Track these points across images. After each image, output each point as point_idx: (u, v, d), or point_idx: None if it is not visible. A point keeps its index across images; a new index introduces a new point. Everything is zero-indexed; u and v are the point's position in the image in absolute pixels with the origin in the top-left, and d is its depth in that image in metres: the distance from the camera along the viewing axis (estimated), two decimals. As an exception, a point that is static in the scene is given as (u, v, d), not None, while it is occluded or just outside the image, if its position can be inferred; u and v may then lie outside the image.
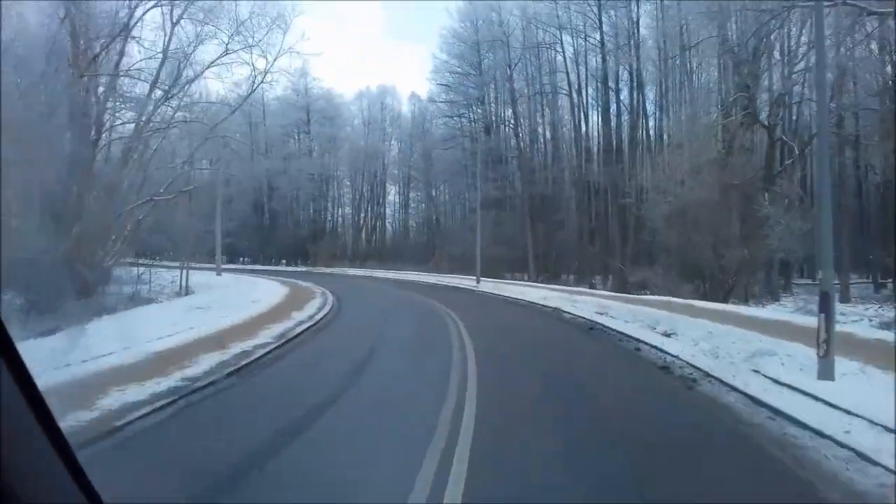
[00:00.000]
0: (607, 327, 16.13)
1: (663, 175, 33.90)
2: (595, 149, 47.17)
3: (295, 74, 68.62)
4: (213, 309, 19.16)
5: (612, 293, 29.20)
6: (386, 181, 72.19)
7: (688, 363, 10.60)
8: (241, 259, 76.78)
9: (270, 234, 68.13)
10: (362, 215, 72.22)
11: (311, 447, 6.13)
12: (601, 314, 18.91)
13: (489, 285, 33.39)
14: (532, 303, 24.61)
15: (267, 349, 11.95)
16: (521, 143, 48.96)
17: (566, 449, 6.09)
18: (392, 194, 73.84)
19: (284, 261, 68.78)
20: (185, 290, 30.86)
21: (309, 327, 16.28)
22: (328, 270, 54.63)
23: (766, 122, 29.30)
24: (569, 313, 20.02)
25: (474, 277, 36.70)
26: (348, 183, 72.30)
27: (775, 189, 27.57)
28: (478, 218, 39.05)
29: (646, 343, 13.06)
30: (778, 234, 24.72)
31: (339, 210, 73.09)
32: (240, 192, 77.10)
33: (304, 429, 6.68)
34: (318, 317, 18.68)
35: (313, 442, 6.27)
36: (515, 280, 41.11)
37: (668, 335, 13.91)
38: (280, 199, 67.45)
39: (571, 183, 47.34)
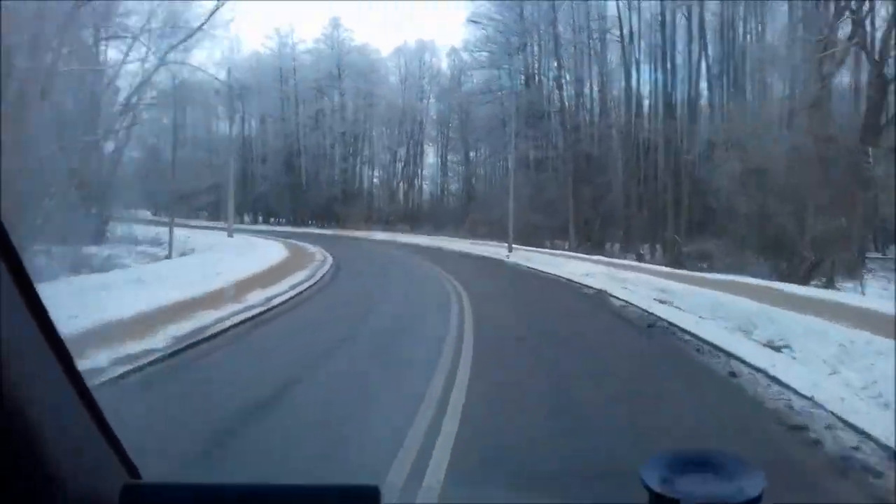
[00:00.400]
0: (675, 326, 11.03)
1: (732, 130, 28.22)
2: (648, 103, 41.57)
3: (328, 26, 64.74)
4: (157, 284, 14.53)
5: (668, 269, 23.94)
6: (423, 141, 67.25)
7: (850, 425, 5.57)
8: (276, 219, 73.17)
9: (302, 194, 63.79)
10: (397, 177, 67.54)
11: None
12: (662, 302, 13.86)
13: (522, 255, 28.43)
14: (570, 281, 19.57)
15: (133, 364, 7.26)
16: (565, 97, 43.21)
17: None
18: (430, 156, 69.10)
19: (314, 223, 64.60)
20: (170, 254, 26.71)
21: (249, 318, 11.37)
22: (355, 234, 50.13)
23: (876, 56, 22.93)
24: (617, 299, 14.92)
25: (506, 244, 31.91)
26: (385, 142, 67.53)
27: (882, 144, 21.66)
28: (510, 179, 33.83)
29: (746, 363, 8.02)
30: (886, 199, 19.14)
31: (373, 171, 68.37)
32: (273, 150, 73.32)
33: None
34: (279, 299, 13.78)
35: None
36: (554, 250, 36.12)
37: (776, 348, 8.81)
38: (311, 158, 63.03)
39: (619, 142, 41.71)
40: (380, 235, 47.13)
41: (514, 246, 30.52)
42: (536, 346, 10.03)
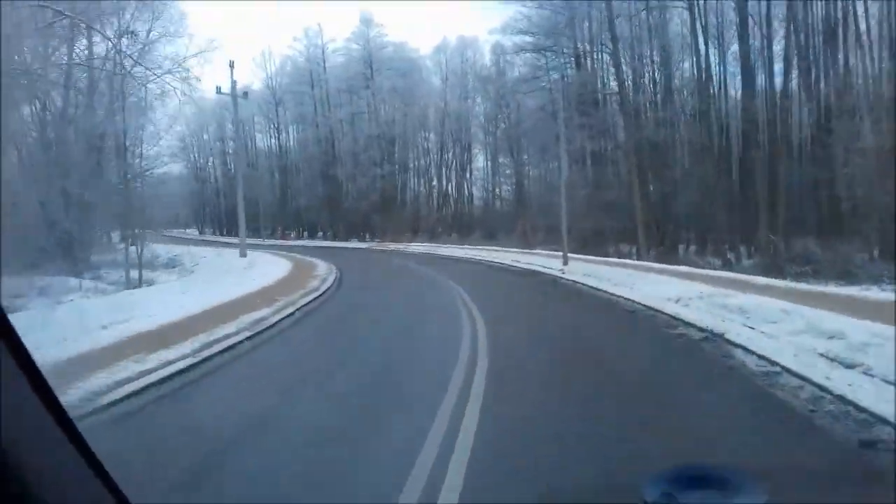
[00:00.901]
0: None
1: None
2: (719, 80, 34.55)
3: (359, 24, 59.09)
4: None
5: (791, 284, 17.00)
6: (471, 143, 60.97)
7: None
8: (314, 234, 68.09)
9: (339, 206, 58.15)
10: (443, 183, 61.46)
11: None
12: (851, 366, 7.22)
13: (581, 267, 21.98)
14: (656, 312, 12.62)
15: None
16: (623, 77, 36.26)
17: None
18: (479, 159, 62.74)
19: (355, 236, 58.97)
20: (134, 282, 21.32)
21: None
22: (392, 247, 44.25)
23: None
24: (762, 359, 8.11)
25: (560, 254, 25.60)
26: (430, 146, 61.63)
27: None
28: (562, 176, 27.09)
29: None
30: None
31: (416, 178, 62.42)
32: (308, 160, 68.07)
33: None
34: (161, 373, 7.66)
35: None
36: (619, 257, 29.48)
37: None
38: (347, 167, 57.40)
39: (690, 128, 34.69)
40: (418, 248, 41.09)
41: (570, 255, 23.99)
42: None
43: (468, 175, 61.35)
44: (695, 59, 34.08)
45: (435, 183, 61.69)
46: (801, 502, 1.85)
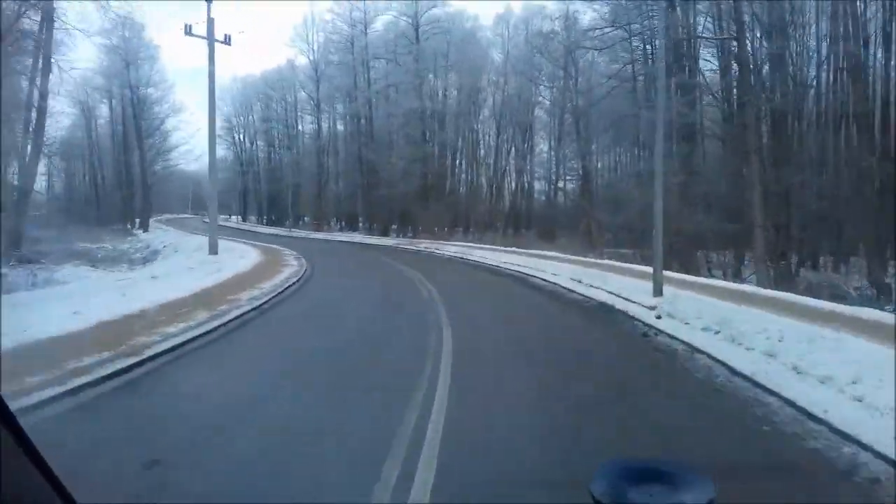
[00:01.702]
0: None
1: None
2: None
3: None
4: None
5: None
6: (532, 126, 50.76)
7: None
8: (352, 225, 59.29)
9: (376, 195, 48.64)
10: (494, 171, 51.33)
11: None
12: None
13: (688, 304, 11.90)
14: None
15: None
16: (743, 15, 24.95)
17: None
18: (542, 148, 52.46)
19: (394, 230, 49.66)
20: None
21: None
22: (422, 245, 34.60)
23: None
24: None
25: (646, 268, 15.70)
26: (481, 127, 51.72)
27: None
28: (657, 160, 16.51)
29: None
30: None
31: (464, 164, 52.44)
32: (344, 138, 58.96)
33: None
34: None
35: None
36: (724, 272, 19.22)
37: None
38: (383, 150, 47.89)
39: (835, 94, 23.86)
40: (451, 249, 31.17)
41: (663, 273, 13.82)
42: None
43: (528, 163, 51.07)
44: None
45: (473, 173, 51.75)
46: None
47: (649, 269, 18.26)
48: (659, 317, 10.72)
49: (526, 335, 9.91)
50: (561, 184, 50.51)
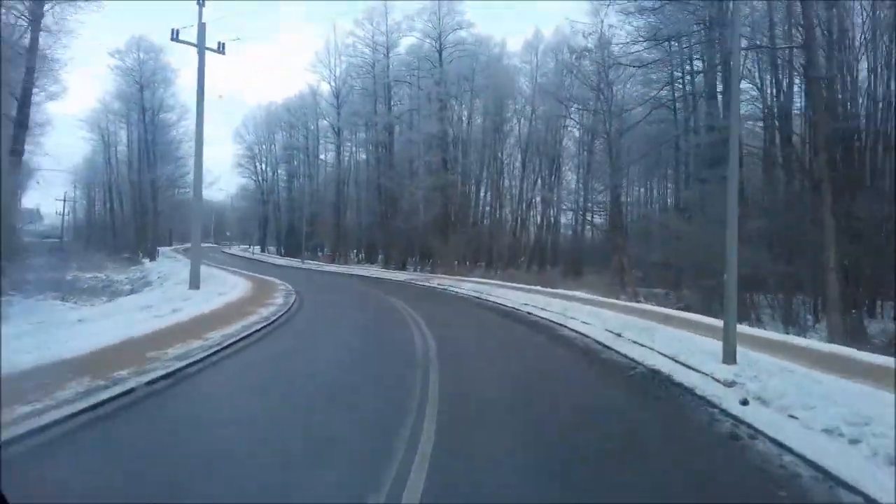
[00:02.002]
0: None
1: None
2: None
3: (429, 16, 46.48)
4: None
5: None
6: (560, 158, 47.54)
7: None
8: (371, 258, 56.30)
9: (393, 226, 45.46)
10: (520, 203, 48.01)
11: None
12: None
13: (769, 362, 8.56)
14: None
15: None
16: (813, 21, 21.21)
17: None
18: (569, 179, 49.13)
19: (412, 263, 46.40)
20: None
21: None
22: (436, 282, 31.17)
23: None
24: None
25: (698, 317, 13.37)
26: (512, 161, 48.46)
27: None
28: (731, 185, 13.21)
29: None
30: None
31: (487, 195, 49.11)
32: (363, 166, 56.15)
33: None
34: None
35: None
36: (787, 325, 15.61)
37: None
38: (401, 179, 44.82)
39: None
40: (467, 286, 27.66)
41: (730, 327, 10.31)
42: None
43: (554, 195, 47.67)
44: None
45: (512, 203, 48.29)
46: None
47: (703, 319, 14.93)
48: (745, 402, 7.20)
49: (546, 431, 6.41)
50: (589, 217, 47.14)
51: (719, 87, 25.97)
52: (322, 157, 63.04)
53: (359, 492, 4.33)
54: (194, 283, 20.84)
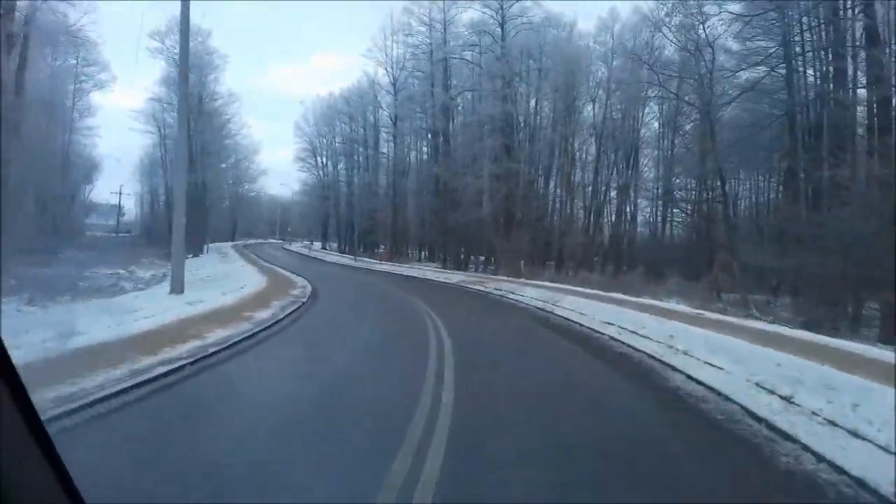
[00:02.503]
0: None
1: None
2: None
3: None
4: None
5: None
6: (638, 147, 41.70)
7: None
8: (429, 255, 51.33)
9: (451, 222, 40.14)
10: (594, 196, 42.02)
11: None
12: None
13: None
14: None
15: None
16: None
17: None
18: (648, 169, 43.19)
19: (474, 262, 41.05)
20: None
21: None
22: (491, 286, 25.56)
23: None
24: None
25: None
26: (581, 152, 42.48)
27: None
28: None
29: None
30: None
31: (555, 188, 43.18)
32: (420, 160, 51.16)
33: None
34: None
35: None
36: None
37: None
38: (459, 168, 39.43)
39: None
40: (530, 292, 21.87)
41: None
42: None
43: (632, 189, 41.68)
44: None
45: (584, 196, 42.20)
46: None
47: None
48: None
49: None
50: (669, 214, 40.96)
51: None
52: (384, 150, 58.24)
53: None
54: (177, 286, 16.12)
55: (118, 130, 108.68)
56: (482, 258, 40.97)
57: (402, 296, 20.94)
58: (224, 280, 22.87)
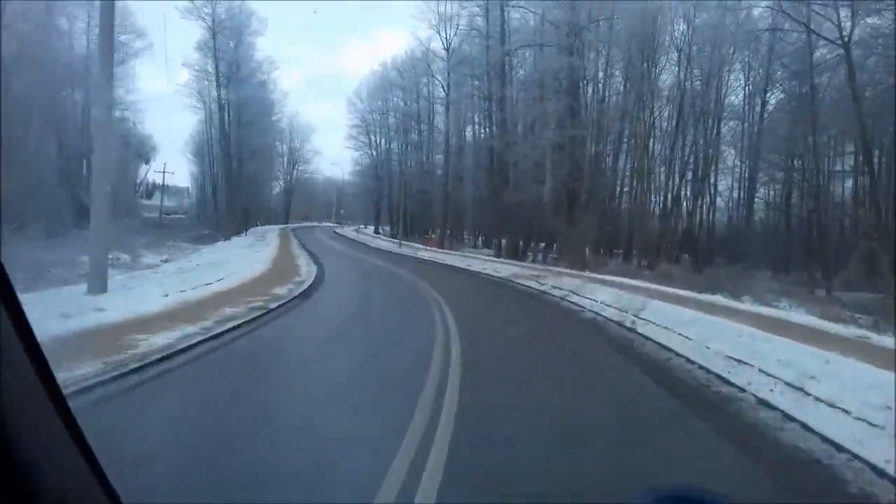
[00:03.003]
0: None
1: None
2: None
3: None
4: None
5: None
6: (720, 122, 35.35)
7: None
8: (484, 240, 45.70)
9: (504, 204, 34.29)
10: (670, 178, 35.56)
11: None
12: None
13: None
14: None
15: None
16: None
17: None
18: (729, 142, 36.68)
19: (539, 249, 35.22)
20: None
21: None
22: (552, 283, 19.62)
23: None
24: None
25: None
26: (660, 120, 36.00)
27: None
28: None
29: None
30: None
31: (629, 168, 36.76)
32: (475, 137, 45.24)
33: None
34: None
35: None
36: None
37: None
38: (514, 141, 33.45)
39: None
40: (598, 293, 15.91)
41: None
42: None
43: (712, 172, 35.28)
44: None
45: (656, 177, 35.70)
46: None
47: None
48: None
49: None
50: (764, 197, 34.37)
51: None
52: (440, 126, 52.58)
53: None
54: (96, 285, 11.10)
55: (160, 105, 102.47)
56: (541, 245, 35.14)
57: (421, 296, 15.40)
58: (211, 269, 17.99)
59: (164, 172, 58.95)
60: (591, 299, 14.96)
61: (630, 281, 19.31)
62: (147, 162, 58.21)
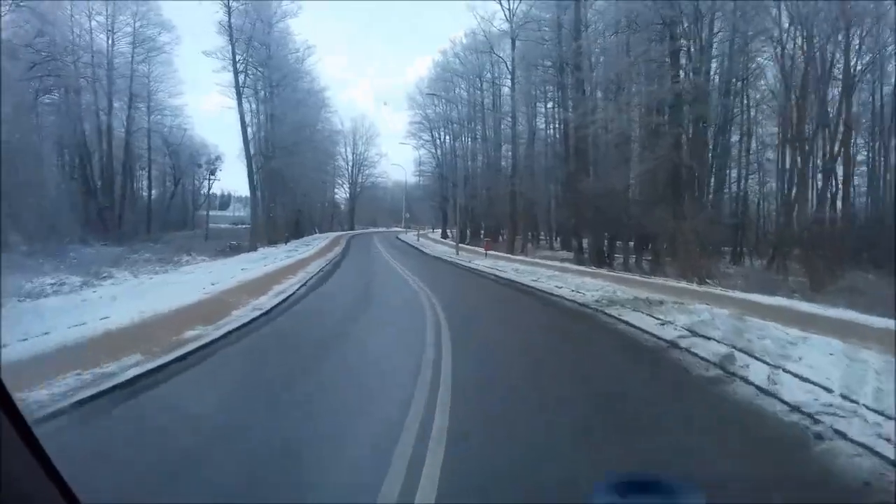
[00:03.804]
0: None
1: None
2: None
3: None
4: None
5: None
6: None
7: None
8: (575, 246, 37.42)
9: (581, 197, 26.03)
10: (788, 170, 26.27)
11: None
12: None
13: None
14: None
15: None
16: None
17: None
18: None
19: (643, 261, 26.87)
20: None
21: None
22: (660, 316, 11.62)
23: None
24: None
25: None
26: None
27: None
28: None
29: None
30: None
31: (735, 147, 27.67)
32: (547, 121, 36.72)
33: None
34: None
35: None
36: None
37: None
38: (594, 108, 25.16)
39: None
40: (756, 339, 7.93)
41: None
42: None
43: (838, 158, 26.03)
44: None
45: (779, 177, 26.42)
46: None
47: None
48: None
49: None
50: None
51: None
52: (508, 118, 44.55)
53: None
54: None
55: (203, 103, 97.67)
56: (630, 244, 26.83)
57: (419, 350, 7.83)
58: (129, 300, 11.06)
59: (209, 180, 53.57)
60: (790, 374, 6.76)
61: (800, 308, 11.04)
62: (213, 173, 53.31)
